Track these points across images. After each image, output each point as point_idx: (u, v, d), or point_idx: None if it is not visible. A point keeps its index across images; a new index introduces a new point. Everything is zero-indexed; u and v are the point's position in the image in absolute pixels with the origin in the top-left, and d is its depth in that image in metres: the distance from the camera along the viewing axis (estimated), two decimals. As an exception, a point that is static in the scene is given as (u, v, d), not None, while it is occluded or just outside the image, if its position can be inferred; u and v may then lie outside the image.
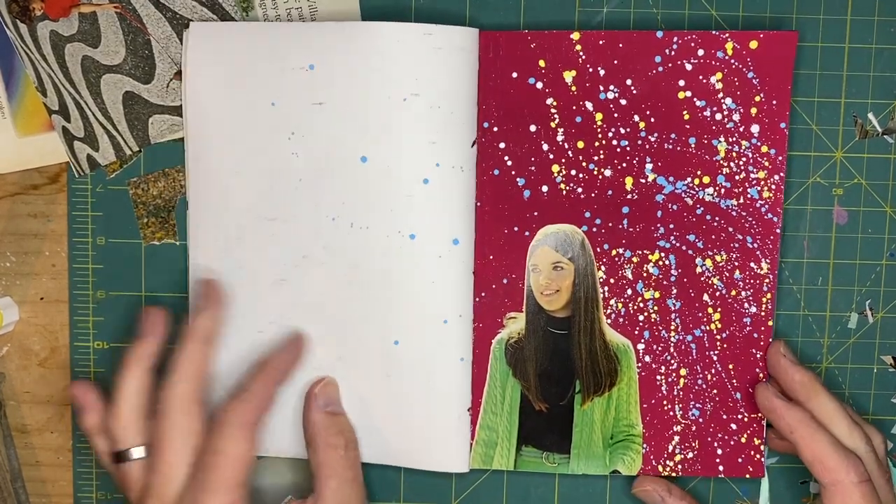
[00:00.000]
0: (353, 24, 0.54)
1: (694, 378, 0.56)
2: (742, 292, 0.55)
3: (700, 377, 0.56)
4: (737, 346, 0.56)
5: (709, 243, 0.55)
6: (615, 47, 0.54)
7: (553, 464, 0.57)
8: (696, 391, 0.56)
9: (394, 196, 0.54)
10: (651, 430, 0.56)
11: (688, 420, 0.56)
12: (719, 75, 0.54)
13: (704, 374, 0.56)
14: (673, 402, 0.56)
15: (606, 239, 0.55)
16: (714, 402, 0.56)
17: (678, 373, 0.56)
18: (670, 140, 0.55)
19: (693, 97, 0.54)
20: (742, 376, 0.56)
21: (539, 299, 0.56)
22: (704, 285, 0.56)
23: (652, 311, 0.56)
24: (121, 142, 0.57)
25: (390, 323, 0.55)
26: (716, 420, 0.56)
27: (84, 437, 0.56)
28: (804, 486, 0.58)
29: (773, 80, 0.54)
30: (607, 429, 0.56)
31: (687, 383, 0.56)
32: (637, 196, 0.55)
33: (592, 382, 0.56)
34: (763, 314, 0.55)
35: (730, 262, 0.55)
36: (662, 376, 0.56)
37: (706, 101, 0.54)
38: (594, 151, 0.55)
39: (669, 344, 0.56)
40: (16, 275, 0.58)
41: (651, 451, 0.56)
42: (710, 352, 0.56)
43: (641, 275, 0.56)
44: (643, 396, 0.56)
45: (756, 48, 0.54)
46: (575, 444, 0.56)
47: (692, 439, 0.56)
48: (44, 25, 0.55)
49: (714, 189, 0.55)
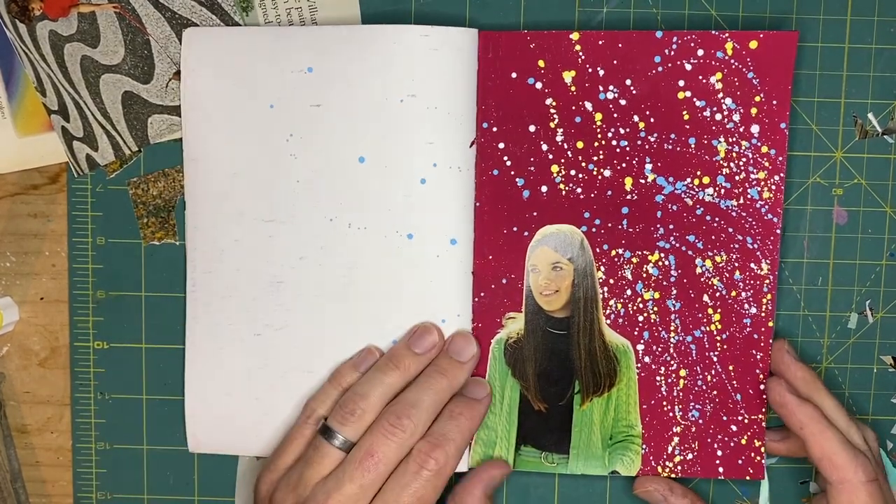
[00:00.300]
0: (351, 28, 0.54)
1: (694, 379, 0.56)
2: (742, 293, 0.55)
3: (700, 378, 0.56)
4: (737, 347, 0.55)
5: (709, 244, 0.55)
6: (615, 47, 0.54)
7: (552, 464, 0.56)
8: (695, 392, 0.56)
9: (392, 196, 0.54)
10: (650, 430, 0.56)
11: (687, 421, 0.56)
12: (719, 75, 0.54)
13: (704, 376, 0.56)
14: (672, 403, 0.56)
15: (606, 239, 0.55)
16: (714, 403, 0.56)
17: (678, 374, 0.56)
18: (670, 140, 0.54)
19: (693, 97, 0.54)
20: (742, 377, 0.55)
21: (538, 299, 0.55)
22: (704, 286, 0.55)
23: (652, 312, 0.55)
24: (120, 142, 0.57)
25: (389, 323, 0.55)
26: (716, 421, 0.56)
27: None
28: (804, 486, 0.58)
29: (773, 81, 0.54)
30: (606, 429, 0.56)
31: (687, 384, 0.56)
32: (637, 196, 0.55)
33: (592, 383, 0.56)
34: (763, 315, 0.55)
35: (730, 262, 0.55)
36: (662, 377, 0.56)
37: (706, 102, 0.54)
38: (594, 152, 0.55)
39: (669, 345, 0.56)
40: (16, 275, 0.58)
41: (650, 452, 0.56)
42: (710, 353, 0.55)
43: (641, 275, 0.55)
44: (643, 397, 0.56)
45: (756, 48, 0.53)
46: (574, 445, 0.56)
47: (692, 440, 0.56)
48: (43, 25, 0.55)
49: (714, 189, 0.55)
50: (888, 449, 0.58)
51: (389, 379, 0.52)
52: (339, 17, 0.56)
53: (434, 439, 0.51)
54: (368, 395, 0.52)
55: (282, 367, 0.56)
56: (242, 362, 0.56)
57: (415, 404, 0.51)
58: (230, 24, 0.55)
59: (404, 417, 0.51)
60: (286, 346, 0.56)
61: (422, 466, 0.50)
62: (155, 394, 0.58)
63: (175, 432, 0.58)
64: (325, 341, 0.56)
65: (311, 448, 0.51)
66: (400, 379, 0.53)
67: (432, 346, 0.54)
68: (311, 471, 0.50)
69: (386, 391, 0.52)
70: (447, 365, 0.54)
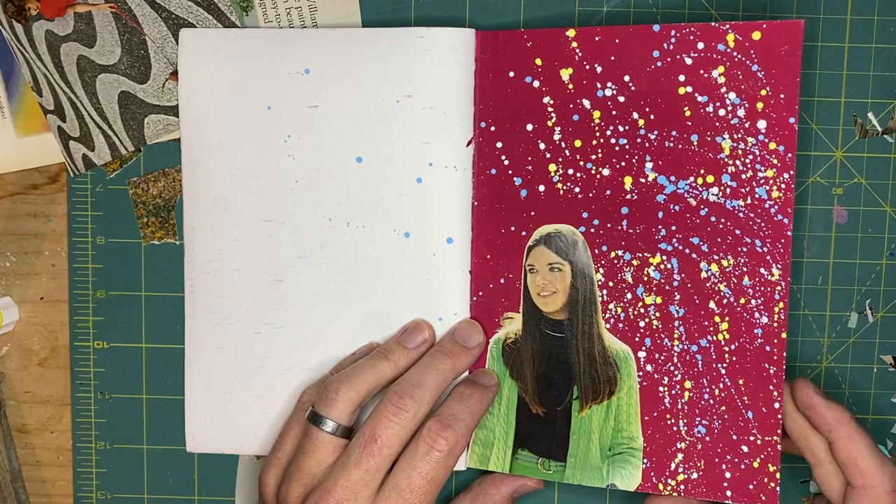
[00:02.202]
0: (347, 30, 0.54)
1: (700, 392, 0.52)
2: (752, 300, 0.51)
3: (707, 391, 0.52)
4: (747, 359, 0.51)
5: (714, 247, 0.52)
6: (612, 43, 0.52)
7: (548, 470, 0.54)
8: (702, 406, 0.52)
9: (389, 195, 0.55)
10: (652, 444, 0.53)
11: (693, 437, 0.52)
12: (721, 69, 0.51)
13: (712, 389, 0.52)
14: (677, 417, 0.53)
15: (605, 240, 0.53)
16: (723, 419, 0.52)
17: (683, 385, 0.52)
18: (671, 137, 0.52)
19: (694, 93, 0.51)
20: (754, 394, 0.51)
21: (536, 300, 0.54)
22: (710, 292, 0.52)
23: (654, 318, 0.53)
24: (116, 142, 0.57)
25: (387, 321, 0.55)
26: (724, 440, 0.52)
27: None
28: (804, 486, 0.58)
29: (779, 73, 0.50)
30: (606, 439, 0.53)
31: (692, 397, 0.52)
32: (637, 196, 0.53)
33: (591, 389, 0.54)
34: (776, 325, 0.51)
35: (738, 267, 0.51)
36: (665, 388, 0.53)
37: (708, 97, 0.51)
38: (592, 150, 0.53)
39: (673, 353, 0.52)
40: (16, 275, 0.58)
41: (651, 468, 0.53)
42: (718, 364, 0.52)
43: (642, 278, 0.53)
44: (644, 408, 0.53)
45: (760, 39, 0.50)
46: (571, 453, 0.54)
47: (697, 458, 0.52)
48: (39, 25, 0.55)
49: (719, 189, 0.51)
50: (889, 448, 0.58)
51: (379, 365, 0.52)
52: (338, 16, 0.56)
53: (444, 419, 0.50)
54: (354, 376, 0.51)
55: (281, 366, 0.56)
56: (242, 361, 0.56)
57: (417, 384, 0.51)
58: (227, 24, 0.55)
59: (407, 397, 0.50)
60: (286, 345, 0.56)
61: (432, 447, 0.49)
62: (155, 394, 0.58)
63: (175, 432, 0.58)
64: (324, 340, 0.56)
65: (304, 437, 0.51)
66: (389, 369, 0.52)
67: (423, 342, 0.54)
68: (309, 460, 0.50)
69: (373, 375, 0.51)
70: (452, 347, 0.53)
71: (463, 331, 0.54)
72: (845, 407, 0.51)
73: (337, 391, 0.50)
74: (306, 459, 0.50)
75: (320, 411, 0.50)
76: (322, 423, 0.50)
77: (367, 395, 0.51)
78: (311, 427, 0.51)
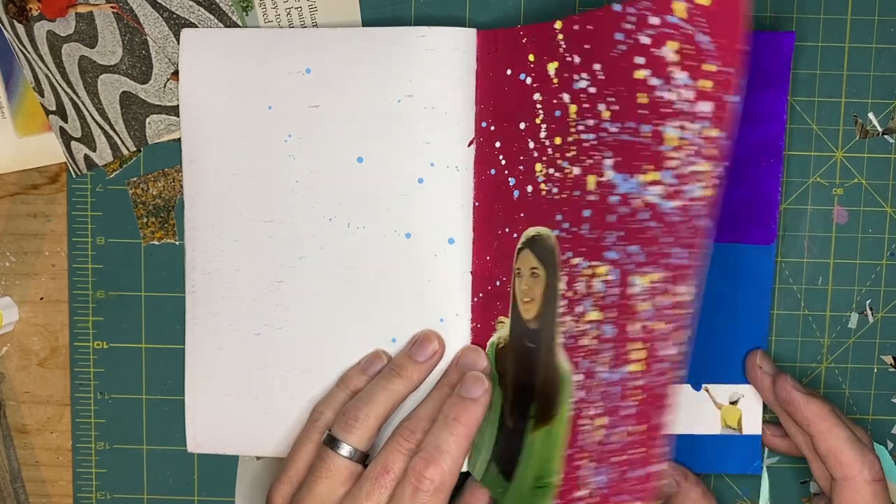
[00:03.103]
0: (348, 30, 0.54)
1: (612, 432, 0.44)
2: (667, 325, 0.42)
3: (616, 433, 0.44)
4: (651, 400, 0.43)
5: (650, 257, 0.43)
6: (586, 31, 0.47)
7: (500, 489, 0.50)
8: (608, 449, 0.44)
9: (390, 196, 0.55)
10: (564, 485, 0.46)
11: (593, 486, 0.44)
12: (674, 45, 0.42)
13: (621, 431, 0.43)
14: (588, 458, 0.45)
15: (570, 246, 0.48)
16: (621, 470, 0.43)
17: (600, 422, 0.45)
18: (628, 130, 0.45)
19: (651, 76, 0.44)
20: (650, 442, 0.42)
21: (519, 306, 0.52)
22: (635, 312, 0.43)
23: (592, 337, 0.46)
24: (118, 142, 0.57)
25: (387, 322, 0.55)
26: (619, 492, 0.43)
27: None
28: (804, 486, 0.58)
29: (726, 43, 0.41)
30: (539, 467, 0.48)
31: (604, 438, 0.44)
32: (598, 197, 0.46)
33: (545, 408, 0.48)
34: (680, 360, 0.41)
35: (664, 282, 0.43)
36: (588, 421, 0.45)
37: (662, 79, 0.43)
38: (567, 147, 0.48)
39: (602, 382, 0.45)
40: (16, 275, 0.58)
41: None
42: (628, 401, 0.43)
43: (590, 290, 0.46)
44: (569, 441, 0.46)
45: (710, 5, 0.41)
46: (516, 475, 0.49)
47: None
48: (40, 25, 0.55)
49: (662, 188, 0.43)
50: (889, 448, 0.58)
51: (393, 386, 0.52)
52: (338, 15, 0.56)
53: (427, 454, 0.49)
54: (371, 400, 0.51)
55: (282, 366, 0.56)
56: (242, 362, 0.56)
57: (426, 418, 0.51)
58: (228, 24, 0.55)
59: (419, 432, 0.51)
60: (286, 345, 0.56)
61: (417, 488, 0.49)
62: (155, 394, 0.58)
63: (175, 432, 0.58)
64: (324, 341, 0.56)
65: (318, 459, 0.51)
66: (403, 387, 0.52)
67: (433, 353, 0.54)
68: (321, 485, 0.50)
69: (390, 397, 0.52)
70: (456, 378, 0.53)
71: (468, 359, 0.54)
72: (825, 400, 0.51)
73: (356, 417, 0.51)
74: (318, 484, 0.50)
75: (338, 436, 0.51)
76: (339, 447, 0.50)
77: (385, 418, 0.52)
78: (326, 450, 0.51)
